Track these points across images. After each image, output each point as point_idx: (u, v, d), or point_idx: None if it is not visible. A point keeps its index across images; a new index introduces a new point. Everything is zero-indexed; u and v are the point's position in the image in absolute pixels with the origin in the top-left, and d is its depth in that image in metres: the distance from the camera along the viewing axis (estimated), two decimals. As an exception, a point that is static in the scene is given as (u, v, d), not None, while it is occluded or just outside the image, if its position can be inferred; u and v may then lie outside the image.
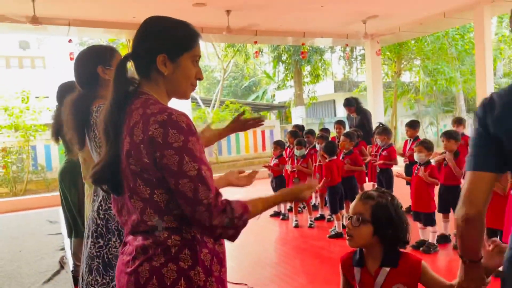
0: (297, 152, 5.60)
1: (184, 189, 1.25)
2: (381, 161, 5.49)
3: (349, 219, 1.66)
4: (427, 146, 4.29)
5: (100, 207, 2.04)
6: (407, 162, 5.69)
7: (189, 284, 1.31)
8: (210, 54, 32.27)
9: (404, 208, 5.15)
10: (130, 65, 1.42)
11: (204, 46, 32.79)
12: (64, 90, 3.26)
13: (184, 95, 1.49)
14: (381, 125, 6.36)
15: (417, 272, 1.59)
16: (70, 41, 8.86)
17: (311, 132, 6.58)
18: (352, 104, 7.36)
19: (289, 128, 9.56)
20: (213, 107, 17.08)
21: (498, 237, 3.59)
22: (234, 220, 1.35)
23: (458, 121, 6.08)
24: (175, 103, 1.40)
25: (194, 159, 1.26)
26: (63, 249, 5.02)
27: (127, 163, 1.30)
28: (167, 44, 1.39)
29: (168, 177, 1.26)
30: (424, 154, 4.26)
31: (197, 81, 1.49)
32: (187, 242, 1.33)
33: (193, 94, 19.65)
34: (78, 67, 2.17)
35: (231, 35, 8.88)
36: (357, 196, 1.71)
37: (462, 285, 1.41)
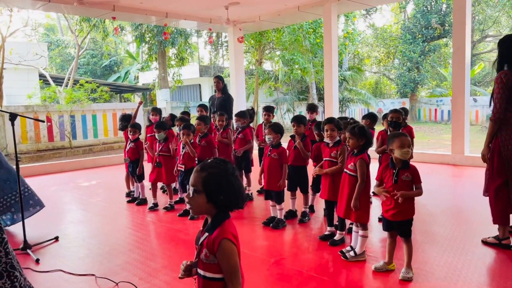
0: (157, 135, 5.45)
1: None
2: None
3: (188, 190, 1.75)
4: (274, 128, 4.57)
5: None
6: (263, 146, 5.98)
7: None
8: (64, 27, 29.16)
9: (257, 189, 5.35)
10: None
11: (56, 18, 29.45)
12: None
13: None
14: (251, 108, 6.59)
15: (214, 247, 1.67)
16: None
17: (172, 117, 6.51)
18: (221, 79, 7.49)
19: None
20: (66, 86, 15.50)
21: (335, 208, 4.05)
22: None
23: (312, 108, 6.30)
24: (19, 78, 1.12)
25: None
26: None
27: None
28: None
29: None
30: (272, 136, 4.53)
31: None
32: None
33: (41, 70, 17.57)
34: None
35: (84, 7, 8.11)
36: (194, 168, 1.77)
37: None
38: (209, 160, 1.77)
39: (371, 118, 5.51)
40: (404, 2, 26.16)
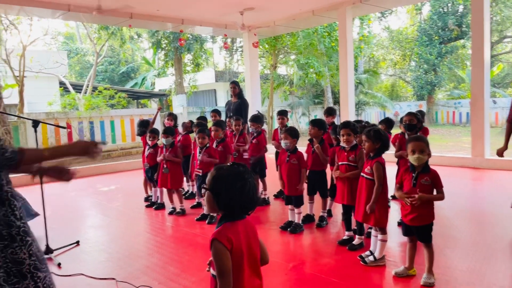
0: (163, 140, 5.50)
1: None
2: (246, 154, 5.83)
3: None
4: (291, 133, 4.55)
5: None
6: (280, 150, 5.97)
7: None
8: (82, 35, 29.71)
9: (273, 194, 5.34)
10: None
11: (75, 26, 30.08)
12: None
13: None
14: (258, 112, 6.59)
15: (209, 246, 1.74)
16: None
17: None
18: (237, 84, 7.56)
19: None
20: (85, 93, 15.80)
21: (352, 213, 4.03)
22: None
23: (329, 112, 6.24)
24: (40, 86, 1.19)
25: None
26: None
27: None
28: None
29: None
30: (289, 141, 4.51)
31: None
32: None
33: (61, 78, 17.97)
34: None
35: (102, 16, 8.26)
36: None
37: None
38: (228, 163, 1.82)
39: (387, 123, 5.45)
40: (420, 4, 25.90)
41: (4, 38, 12.97)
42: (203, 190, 1.79)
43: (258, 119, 5.98)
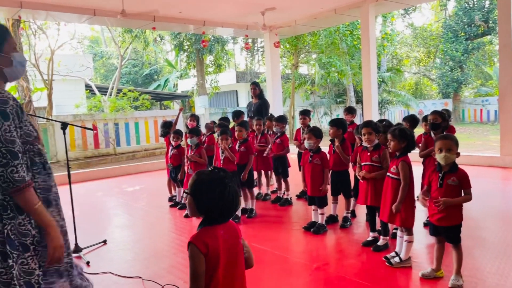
0: (189, 140, 5.55)
1: None
2: (271, 152, 5.88)
3: None
4: (315, 133, 4.50)
5: None
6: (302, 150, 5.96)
7: None
8: (107, 39, 30.34)
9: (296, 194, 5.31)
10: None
11: (100, 30, 30.76)
12: None
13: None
14: (271, 115, 6.63)
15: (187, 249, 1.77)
16: None
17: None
18: (258, 85, 7.62)
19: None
20: (110, 95, 16.14)
21: (377, 214, 3.98)
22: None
23: (348, 111, 6.28)
24: (67, 89, 1.23)
25: None
26: None
27: None
28: None
29: None
30: (313, 141, 4.48)
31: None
32: None
33: (87, 81, 18.39)
34: None
35: (127, 19, 8.42)
36: None
37: None
38: (209, 168, 1.86)
39: (411, 121, 5.31)
40: (445, 0, 25.33)
41: (33, 43, 13.38)
42: (184, 194, 1.85)
43: (282, 119, 6.00)
